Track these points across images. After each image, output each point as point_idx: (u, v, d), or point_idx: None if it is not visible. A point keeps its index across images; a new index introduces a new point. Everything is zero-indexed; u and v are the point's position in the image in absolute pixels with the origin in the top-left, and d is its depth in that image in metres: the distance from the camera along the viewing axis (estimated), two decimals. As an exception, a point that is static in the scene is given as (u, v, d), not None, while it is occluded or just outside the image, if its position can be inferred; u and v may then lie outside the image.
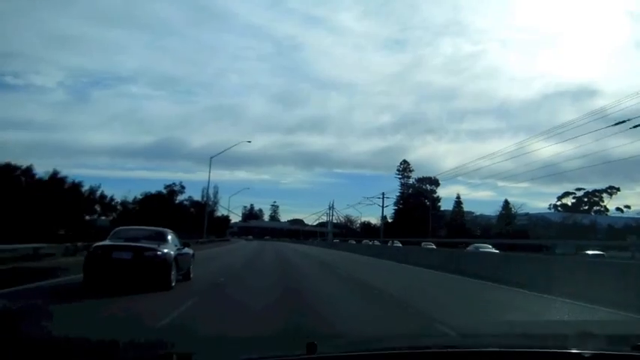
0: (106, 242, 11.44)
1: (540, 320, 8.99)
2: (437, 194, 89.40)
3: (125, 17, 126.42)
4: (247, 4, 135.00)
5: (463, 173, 76.17)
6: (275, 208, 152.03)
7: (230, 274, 16.20)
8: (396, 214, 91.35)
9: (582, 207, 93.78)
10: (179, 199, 54.80)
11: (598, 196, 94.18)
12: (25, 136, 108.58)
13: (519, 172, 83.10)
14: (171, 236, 12.63)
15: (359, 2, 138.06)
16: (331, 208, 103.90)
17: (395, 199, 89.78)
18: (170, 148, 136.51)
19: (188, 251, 13.55)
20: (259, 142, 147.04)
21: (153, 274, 10.68)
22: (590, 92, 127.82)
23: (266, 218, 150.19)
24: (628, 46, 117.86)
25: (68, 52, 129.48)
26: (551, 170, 49.64)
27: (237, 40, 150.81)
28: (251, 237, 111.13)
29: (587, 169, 60.98)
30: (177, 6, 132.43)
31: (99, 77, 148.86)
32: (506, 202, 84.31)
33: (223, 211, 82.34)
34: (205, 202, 59.58)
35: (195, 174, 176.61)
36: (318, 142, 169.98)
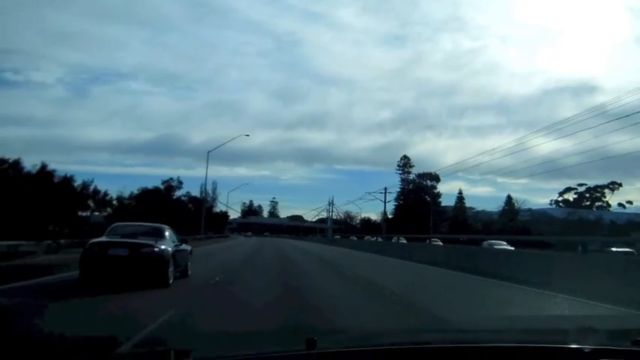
0: (102, 239, 11.33)
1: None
2: (437, 190, 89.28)
3: (125, 13, 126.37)
4: (247, 0, 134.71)
5: (463, 169, 75.93)
6: (274, 204, 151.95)
7: (229, 271, 16.11)
8: (396, 209, 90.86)
9: (584, 203, 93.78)
10: (177, 194, 54.19)
11: (600, 192, 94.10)
12: (24, 132, 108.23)
13: (519, 168, 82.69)
14: (168, 232, 12.55)
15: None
16: (331, 204, 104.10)
17: (395, 195, 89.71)
18: (170, 145, 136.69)
19: (186, 248, 13.46)
20: (259, 138, 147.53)
21: (150, 271, 10.56)
22: (590, 88, 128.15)
23: (265, 214, 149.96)
24: (628, 41, 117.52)
25: (68, 49, 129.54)
26: (550, 166, 49.42)
27: (237, 35, 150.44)
28: (250, 233, 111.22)
29: (586, 164, 60.98)
30: (177, 2, 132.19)
31: (99, 73, 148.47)
32: (509, 197, 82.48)
33: (222, 207, 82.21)
34: (203, 197, 59.00)
35: (195, 170, 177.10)
36: (318, 138, 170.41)
